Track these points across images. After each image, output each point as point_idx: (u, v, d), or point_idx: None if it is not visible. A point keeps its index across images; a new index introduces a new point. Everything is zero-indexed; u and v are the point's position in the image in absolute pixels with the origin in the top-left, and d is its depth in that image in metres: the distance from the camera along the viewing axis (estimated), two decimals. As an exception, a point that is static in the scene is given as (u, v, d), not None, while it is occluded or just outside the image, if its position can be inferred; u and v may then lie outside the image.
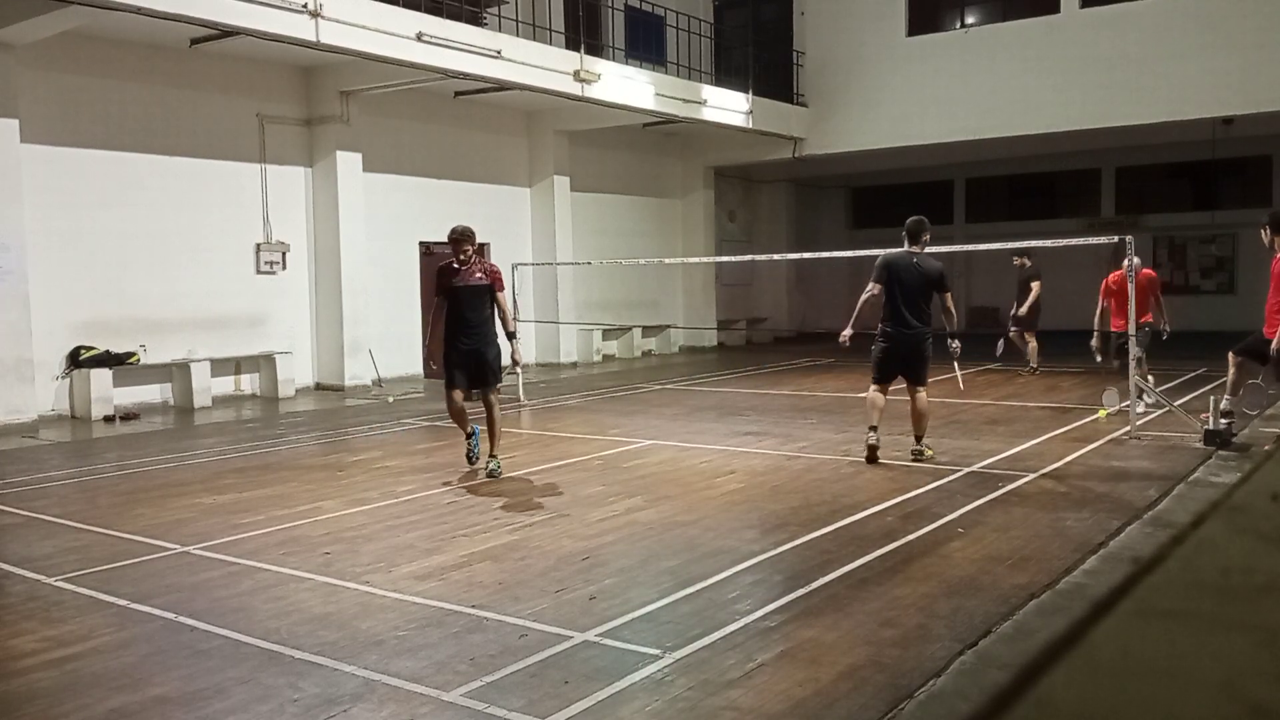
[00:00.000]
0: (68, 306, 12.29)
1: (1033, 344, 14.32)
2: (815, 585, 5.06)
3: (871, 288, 8.41)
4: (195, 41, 12.65)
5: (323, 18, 11.89)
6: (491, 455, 8.12)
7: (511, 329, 8.39)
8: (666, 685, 3.87)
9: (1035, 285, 14.06)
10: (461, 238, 8.06)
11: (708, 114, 18.45)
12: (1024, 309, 14.08)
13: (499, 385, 8.32)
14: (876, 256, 8.82)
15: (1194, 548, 0.75)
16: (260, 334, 14.36)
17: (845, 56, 20.10)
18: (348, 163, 14.88)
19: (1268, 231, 8.27)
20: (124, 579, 5.50)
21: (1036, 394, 12.62)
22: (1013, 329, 14.44)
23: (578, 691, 3.81)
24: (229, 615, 4.84)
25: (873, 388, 8.49)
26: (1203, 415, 8.95)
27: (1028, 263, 14.29)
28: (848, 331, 8.58)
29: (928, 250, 8.51)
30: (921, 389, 8.44)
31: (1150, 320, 11.17)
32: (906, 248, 8.44)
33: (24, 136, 11.49)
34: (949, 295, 8.48)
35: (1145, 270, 13.79)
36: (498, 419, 8.18)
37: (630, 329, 19.90)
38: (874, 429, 8.31)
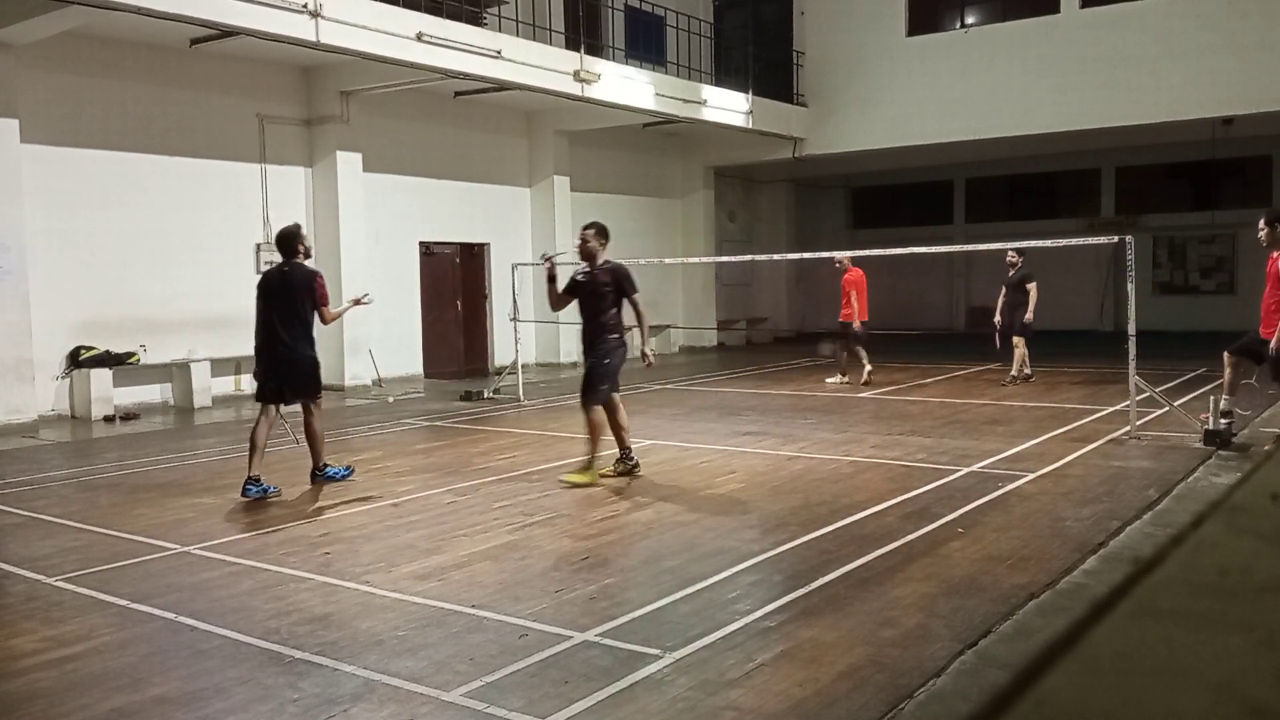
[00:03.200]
0: (68, 306, 12.29)
1: (1022, 350, 13.52)
2: (815, 585, 5.06)
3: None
4: (195, 41, 12.65)
5: (323, 18, 11.89)
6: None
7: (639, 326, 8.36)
8: (666, 685, 3.87)
9: (1034, 287, 13.40)
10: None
11: (708, 114, 18.45)
12: (1031, 314, 13.27)
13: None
14: (876, 257, 8.77)
15: (1194, 548, 0.75)
16: (260, 334, 14.35)
17: (845, 56, 20.11)
18: (348, 163, 14.89)
19: (1265, 229, 8.23)
20: (124, 579, 5.50)
21: (1036, 394, 12.62)
22: (1015, 337, 13.53)
23: (578, 691, 3.81)
24: (229, 615, 4.84)
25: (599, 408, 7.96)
26: (1202, 415, 8.95)
27: (1020, 261, 13.65)
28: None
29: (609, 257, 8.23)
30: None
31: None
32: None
33: (24, 136, 11.49)
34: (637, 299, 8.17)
35: (856, 269, 13.94)
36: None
37: (630, 329, 19.85)
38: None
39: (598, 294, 8.01)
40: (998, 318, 13.89)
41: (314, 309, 7.81)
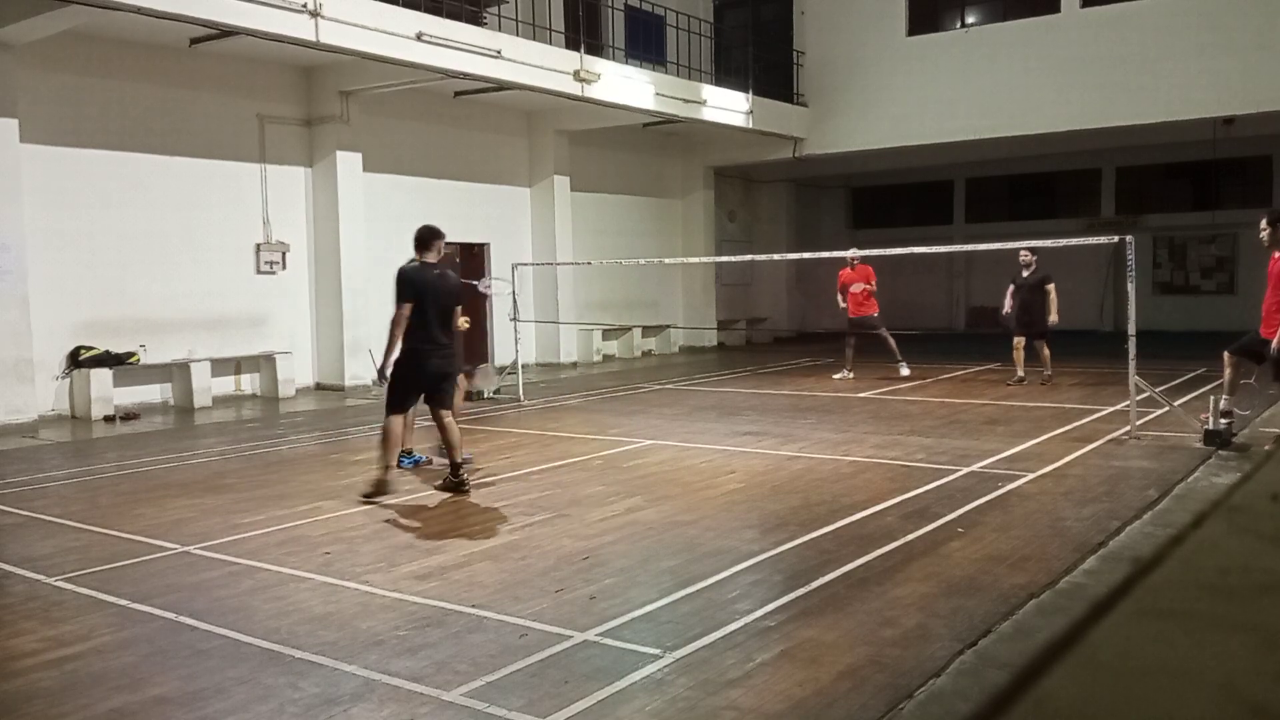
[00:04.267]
0: (68, 306, 12.29)
1: (1046, 351, 13.38)
2: (815, 585, 5.06)
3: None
4: (195, 41, 12.64)
5: (323, 17, 11.89)
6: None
7: None
8: (666, 685, 3.87)
9: (1053, 288, 13.23)
10: None
11: (708, 114, 18.45)
12: (1056, 315, 13.16)
13: None
14: (876, 257, 8.75)
15: (1194, 548, 0.75)
16: (260, 334, 14.36)
17: (845, 56, 20.11)
18: (348, 163, 14.88)
19: (1267, 228, 8.22)
20: (124, 579, 5.50)
21: (1036, 394, 12.62)
22: (1038, 340, 13.33)
23: (578, 691, 3.81)
24: (229, 615, 4.84)
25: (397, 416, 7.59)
26: (1202, 415, 8.95)
27: (1034, 261, 13.43)
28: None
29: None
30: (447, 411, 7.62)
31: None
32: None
33: (24, 136, 11.49)
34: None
35: (864, 266, 14.07)
36: None
37: (630, 329, 19.89)
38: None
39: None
40: (1007, 309, 13.61)
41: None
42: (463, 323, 8.25)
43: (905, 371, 14.41)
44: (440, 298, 7.51)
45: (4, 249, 11.23)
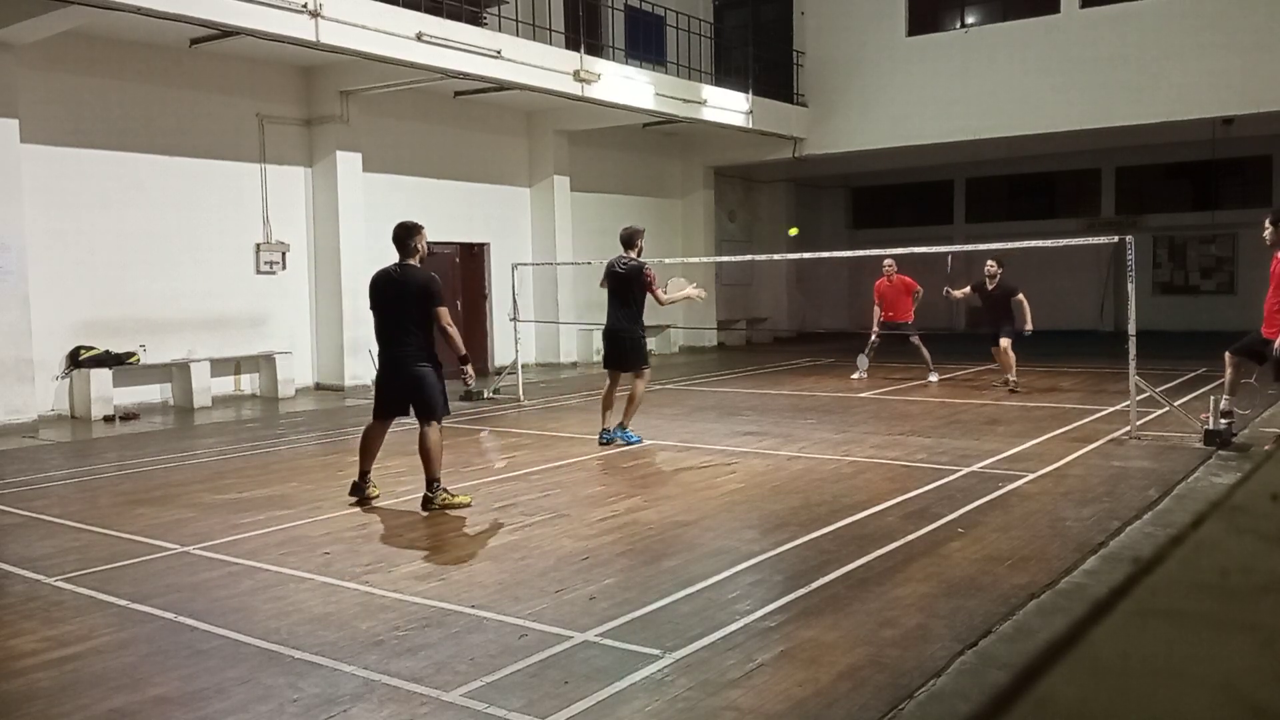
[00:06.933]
0: (68, 306, 12.29)
1: (1011, 356, 12.96)
2: (815, 585, 5.06)
3: None
4: (195, 41, 12.64)
5: (323, 18, 11.89)
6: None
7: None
8: (666, 685, 3.87)
9: (1023, 298, 12.92)
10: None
11: (708, 114, 18.45)
12: (1029, 325, 12.74)
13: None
14: (877, 257, 8.75)
15: (1194, 548, 0.75)
16: (260, 334, 14.36)
17: (845, 56, 20.11)
18: (348, 163, 14.89)
19: (1270, 228, 8.22)
20: (124, 579, 5.50)
21: (1036, 394, 12.62)
22: (1003, 342, 12.97)
23: (578, 691, 3.81)
24: (229, 615, 4.84)
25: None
26: (1203, 415, 8.95)
27: (999, 272, 13.17)
28: None
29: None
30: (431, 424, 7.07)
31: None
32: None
33: (24, 136, 11.49)
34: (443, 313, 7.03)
35: (902, 276, 13.96)
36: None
37: (630, 329, 19.85)
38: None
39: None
40: (958, 295, 13.78)
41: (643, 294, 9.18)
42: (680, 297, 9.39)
43: (934, 378, 14.06)
44: (391, 302, 6.97)
45: (4, 249, 11.24)
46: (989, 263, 13.29)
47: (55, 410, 12.27)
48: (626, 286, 9.30)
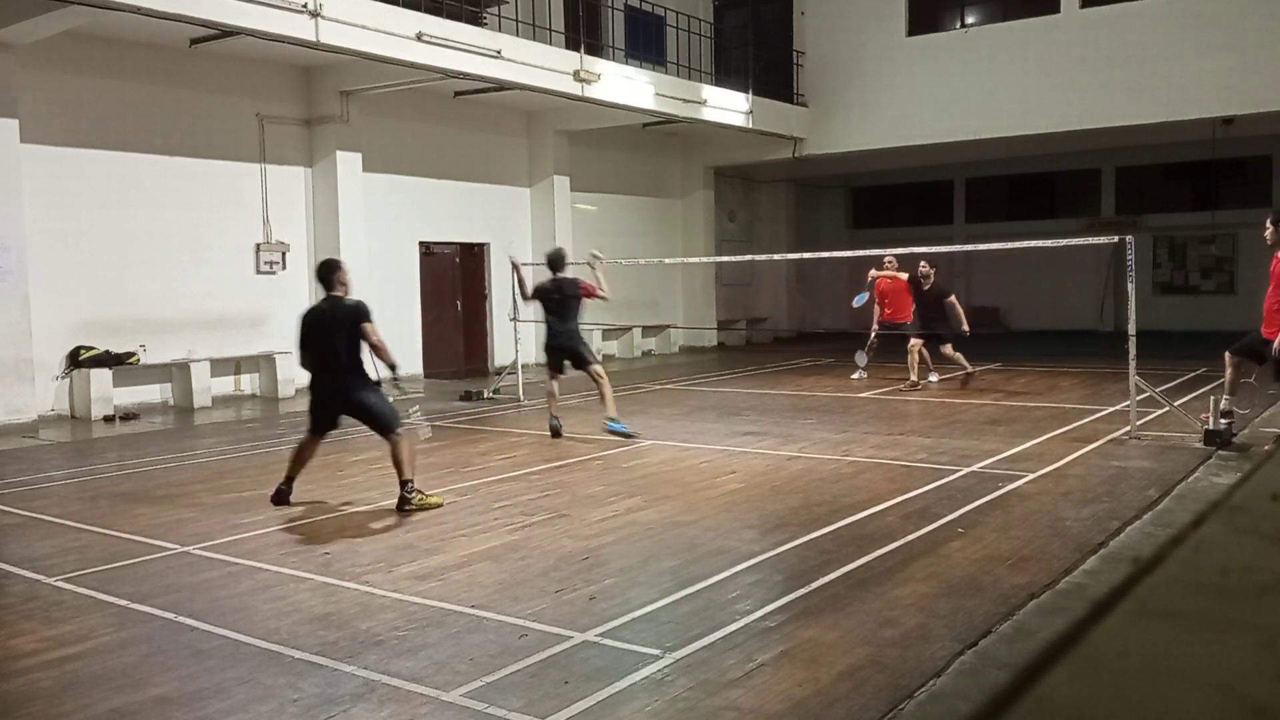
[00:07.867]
0: (68, 306, 12.29)
1: (957, 353, 13.30)
2: (815, 585, 5.06)
3: None
4: (195, 41, 12.65)
5: (323, 18, 11.89)
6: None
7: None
8: (666, 685, 3.87)
9: (955, 300, 13.26)
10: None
11: (708, 114, 18.45)
12: (966, 325, 13.06)
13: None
14: (877, 257, 8.74)
15: (1194, 548, 0.75)
16: (260, 334, 14.36)
17: (845, 56, 20.11)
18: (348, 163, 14.89)
19: (1271, 228, 8.21)
20: (124, 579, 5.50)
21: (1036, 394, 12.62)
22: (943, 347, 13.34)
23: (578, 691, 3.81)
24: (229, 615, 4.84)
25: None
26: (1203, 415, 8.95)
27: (933, 273, 13.34)
28: None
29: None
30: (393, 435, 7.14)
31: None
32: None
33: (24, 136, 11.49)
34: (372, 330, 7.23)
35: (898, 276, 13.92)
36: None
37: (630, 329, 19.88)
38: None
39: None
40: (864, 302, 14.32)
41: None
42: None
43: (934, 379, 13.97)
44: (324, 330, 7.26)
45: (4, 249, 11.24)
46: (922, 263, 13.41)
47: (55, 410, 12.27)
48: (567, 303, 10.29)
